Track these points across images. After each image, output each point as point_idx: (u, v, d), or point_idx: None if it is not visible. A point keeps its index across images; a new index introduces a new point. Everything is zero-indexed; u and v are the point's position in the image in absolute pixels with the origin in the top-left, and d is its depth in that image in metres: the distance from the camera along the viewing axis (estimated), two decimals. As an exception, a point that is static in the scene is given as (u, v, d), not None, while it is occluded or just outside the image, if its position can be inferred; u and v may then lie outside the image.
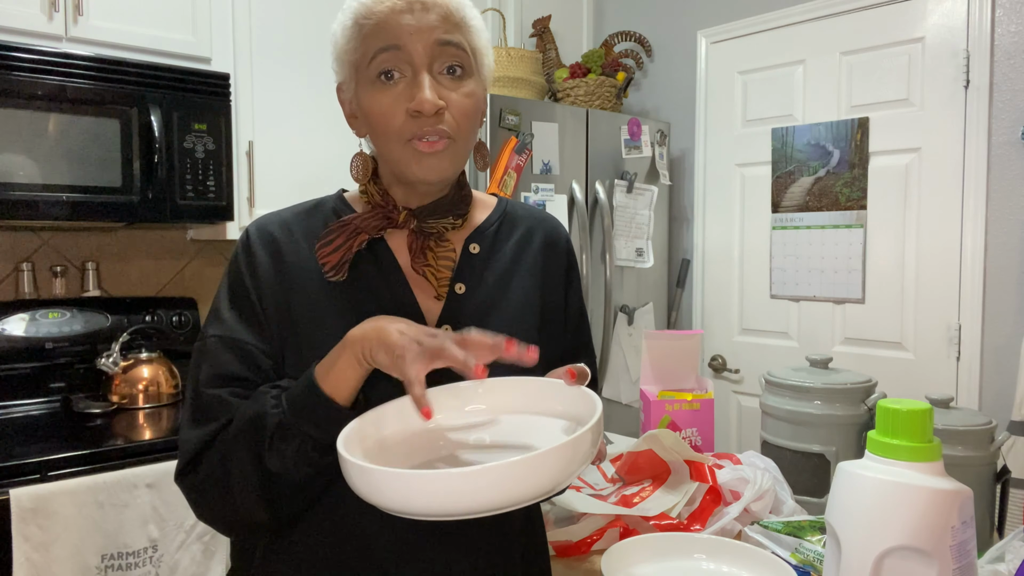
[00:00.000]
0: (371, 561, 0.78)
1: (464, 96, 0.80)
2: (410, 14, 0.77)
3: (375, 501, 0.60)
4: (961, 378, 2.19)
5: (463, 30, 0.81)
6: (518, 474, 0.57)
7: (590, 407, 0.68)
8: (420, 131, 0.78)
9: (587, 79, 2.66)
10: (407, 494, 0.58)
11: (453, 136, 0.80)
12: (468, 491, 0.56)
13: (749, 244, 2.70)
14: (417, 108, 0.76)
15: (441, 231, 0.85)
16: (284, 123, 2.21)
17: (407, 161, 0.80)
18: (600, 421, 0.64)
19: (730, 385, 2.76)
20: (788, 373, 1.36)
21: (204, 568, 1.67)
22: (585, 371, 0.75)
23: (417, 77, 0.77)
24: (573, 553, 1.05)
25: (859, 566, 0.64)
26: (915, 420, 0.64)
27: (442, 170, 0.80)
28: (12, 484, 1.47)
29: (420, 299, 0.84)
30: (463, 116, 0.80)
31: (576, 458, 0.60)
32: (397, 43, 0.77)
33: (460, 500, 0.57)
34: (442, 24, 0.78)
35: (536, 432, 0.73)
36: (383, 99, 0.78)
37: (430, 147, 0.78)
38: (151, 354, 2.05)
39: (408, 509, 0.58)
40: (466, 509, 0.57)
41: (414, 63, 0.78)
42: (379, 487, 0.59)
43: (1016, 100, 2.08)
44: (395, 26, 0.77)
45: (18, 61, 1.70)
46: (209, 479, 0.76)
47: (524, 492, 0.58)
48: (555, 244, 0.94)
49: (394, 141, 0.79)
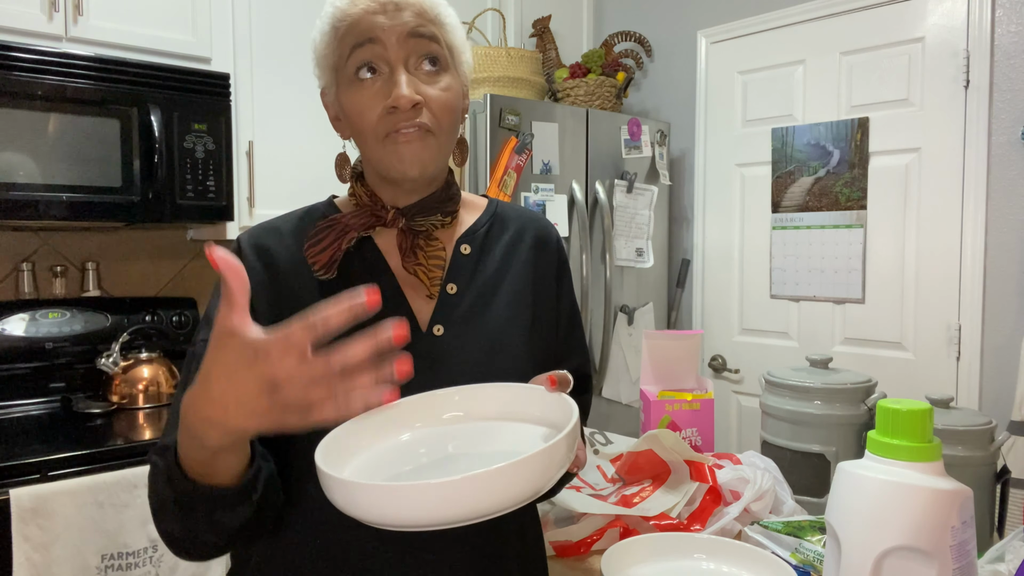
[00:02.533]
0: (366, 567, 0.78)
1: (442, 90, 0.80)
2: (383, 15, 0.78)
3: (351, 513, 0.59)
4: (961, 378, 2.19)
5: (438, 26, 0.81)
6: (494, 482, 0.56)
7: (567, 413, 0.67)
8: (396, 126, 0.78)
9: (587, 79, 2.66)
10: (378, 506, 0.56)
11: (432, 130, 0.80)
12: (443, 501, 0.55)
13: (749, 244, 2.70)
14: (394, 104, 0.77)
15: (430, 229, 0.85)
16: (284, 123, 2.21)
17: (387, 157, 0.80)
18: (576, 427, 0.63)
19: (730, 385, 2.76)
20: (788, 373, 1.36)
21: (204, 568, 1.67)
22: (567, 377, 0.73)
23: (394, 74, 0.78)
24: (573, 553, 1.05)
25: (859, 566, 0.64)
26: (915, 420, 0.64)
27: (422, 161, 0.80)
28: (12, 484, 1.47)
29: (411, 300, 0.84)
30: (442, 110, 0.80)
31: (552, 465, 0.59)
32: (371, 36, 0.78)
33: (435, 511, 0.56)
34: (415, 19, 0.79)
35: (514, 439, 0.72)
36: (361, 97, 0.79)
37: (407, 139, 0.79)
38: (151, 354, 2.05)
39: (382, 521, 0.57)
40: (442, 519, 0.56)
41: (390, 59, 0.78)
42: (350, 499, 0.58)
43: (1016, 100, 2.08)
44: (369, 24, 0.78)
45: (18, 61, 1.70)
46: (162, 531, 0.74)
47: (501, 500, 0.57)
48: (546, 243, 0.95)
49: (372, 138, 0.80)
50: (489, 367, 0.82)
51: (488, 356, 0.83)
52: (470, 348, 0.83)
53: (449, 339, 0.83)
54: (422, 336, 0.82)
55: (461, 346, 0.83)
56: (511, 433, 0.73)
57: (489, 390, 0.75)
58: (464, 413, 0.75)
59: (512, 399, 0.75)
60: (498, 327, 0.85)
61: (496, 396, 0.75)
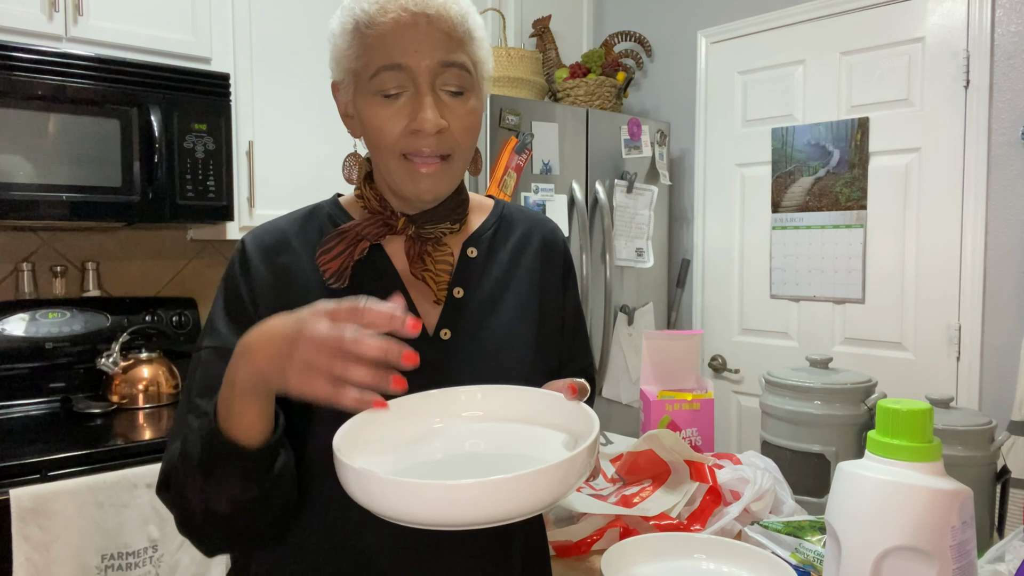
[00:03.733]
0: (369, 562, 0.78)
1: (466, 114, 0.80)
2: (414, 28, 0.76)
3: (369, 506, 0.60)
4: (961, 378, 2.19)
5: (466, 46, 0.79)
6: (517, 487, 0.57)
7: (588, 424, 0.68)
8: (417, 148, 0.77)
9: (587, 79, 2.66)
10: (399, 501, 0.57)
11: (452, 153, 0.79)
12: (465, 502, 0.56)
13: (749, 244, 2.70)
14: (418, 127, 0.76)
15: (439, 236, 0.85)
16: (284, 123, 2.21)
17: (402, 178, 0.79)
18: (597, 439, 0.65)
19: (730, 385, 2.76)
20: (788, 373, 1.36)
21: (204, 568, 1.67)
22: (585, 387, 0.74)
23: (419, 95, 0.77)
24: (573, 553, 1.05)
25: (859, 566, 0.64)
26: (915, 420, 0.64)
27: (438, 190, 0.80)
28: (12, 484, 1.47)
29: (418, 304, 0.84)
30: (464, 133, 0.80)
31: (573, 473, 0.60)
32: (400, 62, 0.76)
33: (456, 511, 0.56)
34: (446, 43, 0.77)
35: (532, 443, 0.72)
36: (383, 113, 0.77)
37: (427, 167, 0.78)
38: (151, 354, 2.05)
39: (399, 516, 0.58)
40: (462, 520, 0.57)
41: (416, 82, 0.77)
42: (374, 493, 0.58)
43: (1016, 100, 2.08)
44: (398, 43, 0.76)
45: (18, 61, 1.70)
46: (174, 498, 0.75)
47: (522, 506, 0.58)
48: (552, 246, 0.95)
49: (389, 155, 0.79)
50: (496, 370, 0.82)
51: (495, 359, 0.83)
52: (477, 351, 0.83)
53: (456, 343, 0.83)
54: (430, 340, 0.82)
55: (468, 350, 0.83)
56: (530, 437, 0.73)
57: (511, 392, 0.76)
58: (484, 413, 0.76)
59: (533, 403, 0.75)
60: (505, 330, 0.85)
61: (517, 399, 0.76)
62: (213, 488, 0.69)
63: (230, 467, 0.68)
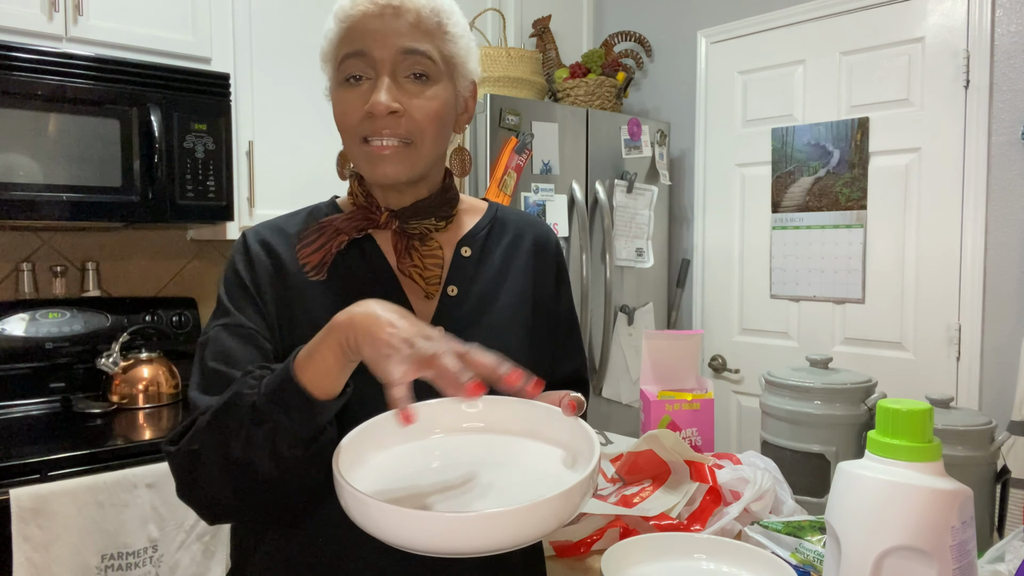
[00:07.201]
0: (367, 567, 0.78)
1: (427, 99, 0.81)
2: (379, 18, 0.79)
3: (369, 531, 0.60)
4: (961, 378, 2.19)
5: (435, 37, 0.81)
6: (522, 519, 0.57)
7: (588, 444, 0.68)
8: (375, 130, 0.79)
9: (587, 79, 2.66)
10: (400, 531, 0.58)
11: (412, 139, 0.80)
12: (468, 533, 0.56)
13: (749, 244, 2.70)
14: (369, 110, 0.78)
15: (424, 232, 0.86)
16: (284, 123, 2.21)
17: (362, 162, 0.82)
18: (599, 462, 0.65)
19: (730, 385, 2.76)
20: (788, 373, 1.36)
21: (204, 568, 1.67)
22: (583, 402, 0.75)
23: (377, 80, 0.79)
24: (573, 553, 1.05)
25: (859, 566, 0.64)
26: (915, 420, 0.64)
27: (395, 173, 0.81)
28: (12, 484, 1.47)
29: (412, 300, 0.85)
30: (425, 119, 0.80)
31: (575, 501, 0.61)
32: (362, 48, 0.79)
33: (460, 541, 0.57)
34: (410, 32, 0.79)
35: (532, 459, 0.72)
36: (346, 97, 0.81)
37: (380, 150, 0.80)
38: (151, 354, 2.05)
39: (402, 544, 0.58)
40: (465, 549, 0.57)
41: (376, 67, 0.79)
42: (375, 520, 0.59)
43: (1016, 100, 2.08)
44: (362, 31, 0.79)
45: (18, 61, 1.70)
46: (183, 452, 0.73)
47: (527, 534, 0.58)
48: (545, 247, 0.95)
49: (352, 139, 0.81)
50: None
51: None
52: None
53: None
54: None
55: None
56: (529, 452, 0.73)
57: (512, 405, 0.75)
58: (484, 424, 0.76)
59: (533, 418, 0.75)
60: (499, 329, 0.86)
61: (518, 412, 0.75)
62: (259, 437, 0.67)
63: (286, 416, 0.66)
